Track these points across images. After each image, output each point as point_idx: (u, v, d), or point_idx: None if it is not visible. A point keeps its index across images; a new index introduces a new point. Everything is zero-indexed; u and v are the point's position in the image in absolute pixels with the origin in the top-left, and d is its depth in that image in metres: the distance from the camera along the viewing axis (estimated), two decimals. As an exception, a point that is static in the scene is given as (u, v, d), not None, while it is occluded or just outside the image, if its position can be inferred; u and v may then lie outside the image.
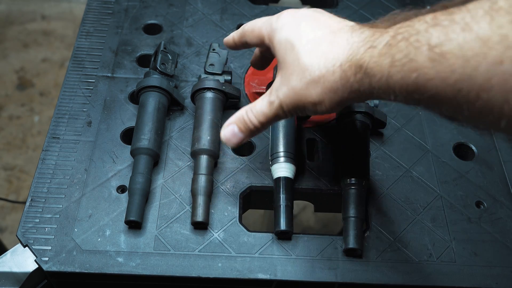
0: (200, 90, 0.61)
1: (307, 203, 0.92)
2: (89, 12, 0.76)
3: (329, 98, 0.43)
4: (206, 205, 0.54)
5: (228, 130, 0.49)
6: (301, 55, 0.44)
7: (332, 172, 0.60)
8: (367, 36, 0.40)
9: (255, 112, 0.48)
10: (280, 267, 0.52)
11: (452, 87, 0.33)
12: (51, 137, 0.61)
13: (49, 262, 0.51)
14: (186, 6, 0.78)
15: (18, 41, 1.94)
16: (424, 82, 0.35)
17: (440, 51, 0.33)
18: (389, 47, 0.37)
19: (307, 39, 0.44)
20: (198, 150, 0.57)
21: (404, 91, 0.36)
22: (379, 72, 0.37)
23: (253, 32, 0.52)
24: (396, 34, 0.37)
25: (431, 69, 0.34)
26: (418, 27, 0.35)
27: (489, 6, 0.31)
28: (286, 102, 0.46)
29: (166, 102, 0.62)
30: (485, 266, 0.53)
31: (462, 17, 0.33)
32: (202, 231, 0.54)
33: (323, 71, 0.42)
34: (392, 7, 0.81)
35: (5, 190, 1.56)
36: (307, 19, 0.47)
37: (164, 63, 0.63)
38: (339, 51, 0.41)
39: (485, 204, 0.58)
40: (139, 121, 0.59)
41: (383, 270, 0.53)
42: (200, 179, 0.55)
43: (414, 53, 0.35)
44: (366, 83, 0.39)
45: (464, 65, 0.32)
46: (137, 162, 0.56)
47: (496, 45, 0.30)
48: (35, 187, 0.56)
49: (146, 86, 0.61)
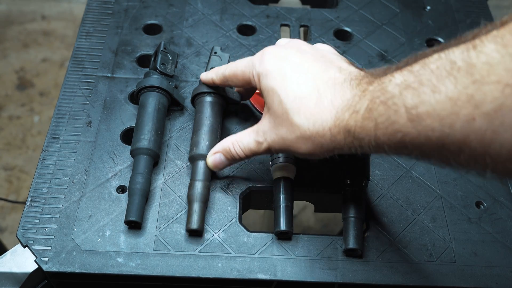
0: (200, 94, 0.61)
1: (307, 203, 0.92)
2: (89, 12, 0.76)
3: (319, 151, 0.45)
4: (202, 213, 0.54)
5: (215, 158, 0.55)
6: (290, 112, 0.46)
7: (332, 172, 0.60)
8: (349, 99, 0.42)
9: (242, 147, 0.52)
10: (280, 267, 0.52)
11: (436, 144, 0.35)
12: (51, 137, 0.61)
13: (49, 262, 0.51)
14: (186, 6, 0.78)
15: (18, 41, 1.94)
16: (410, 140, 0.37)
17: (416, 112, 0.35)
18: (370, 111, 0.39)
19: (294, 96, 0.46)
20: (196, 155, 0.57)
21: (393, 149, 0.39)
22: (366, 135, 0.40)
23: (237, 77, 0.54)
24: (373, 98, 0.39)
25: (413, 129, 0.36)
26: (392, 90, 0.37)
27: (450, 67, 0.33)
28: (274, 147, 0.49)
29: (166, 102, 0.62)
30: (485, 266, 0.53)
31: (428, 78, 0.35)
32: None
33: (313, 132, 0.44)
34: (392, 7, 0.81)
35: (5, 190, 1.56)
36: (292, 67, 0.48)
37: (164, 63, 0.63)
38: (326, 114, 0.43)
39: (485, 204, 0.58)
40: (139, 121, 0.59)
41: (383, 270, 0.53)
42: (197, 185, 0.54)
43: (394, 115, 0.37)
44: (357, 144, 0.42)
45: (441, 123, 0.34)
46: (137, 162, 0.56)
47: (465, 104, 0.32)
48: (35, 187, 0.56)
49: (146, 86, 0.61)
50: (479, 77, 0.31)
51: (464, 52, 0.33)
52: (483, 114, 0.31)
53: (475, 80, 0.32)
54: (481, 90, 0.31)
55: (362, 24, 0.78)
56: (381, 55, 0.74)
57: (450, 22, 0.79)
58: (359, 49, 0.74)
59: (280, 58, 0.49)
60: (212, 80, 0.58)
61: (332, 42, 0.75)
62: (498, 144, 0.31)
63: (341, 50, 0.74)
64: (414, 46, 0.75)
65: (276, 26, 0.76)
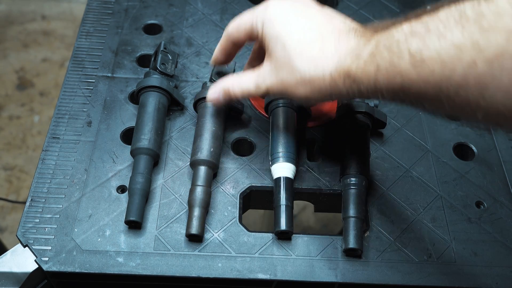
0: (204, 99, 0.61)
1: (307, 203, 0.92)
2: (89, 12, 0.76)
3: (317, 96, 0.46)
4: (202, 218, 0.54)
5: (213, 94, 0.56)
6: (292, 56, 0.47)
7: (332, 172, 0.60)
8: (353, 45, 0.43)
9: (241, 88, 0.53)
10: (280, 267, 0.52)
11: (433, 87, 0.37)
12: (51, 137, 0.61)
13: (49, 262, 0.51)
14: (186, 6, 0.78)
15: (18, 41, 1.95)
16: (408, 84, 0.38)
17: (420, 57, 0.37)
18: (373, 56, 0.41)
19: (297, 40, 0.47)
20: (198, 161, 0.56)
21: (391, 92, 0.40)
22: (366, 79, 0.41)
23: (239, 29, 0.53)
24: (378, 44, 0.41)
25: (414, 73, 0.38)
26: (398, 37, 0.39)
27: (459, 15, 0.35)
28: (273, 89, 0.50)
29: (166, 102, 0.62)
30: (485, 266, 0.53)
31: (436, 26, 0.37)
32: (202, 231, 0.54)
33: (313, 75, 0.45)
34: (392, 7, 0.81)
35: (5, 190, 1.56)
36: (296, 13, 0.49)
37: (164, 63, 0.63)
38: (328, 59, 0.44)
39: (485, 204, 0.58)
40: (139, 121, 0.59)
41: (383, 270, 0.53)
42: (198, 190, 0.54)
43: (398, 60, 0.39)
44: (355, 88, 0.43)
45: (442, 68, 0.36)
46: (137, 162, 0.56)
47: (469, 50, 0.34)
48: (35, 187, 0.56)
49: (146, 86, 0.61)
50: (487, 25, 0.33)
51: (475, 4, 0.34)
52: (485, 59, 0.33)
53: (482, 27, 0.33)
54: (486, 37, 0.33)
55: (362, 24, 0.78)
56: (381, 55, 0.73)
57: (450, 22, 0.79)
58: (359, 49, 0.74)
59: (285, 6, 0.50)
60: (218, 49, 0.57)
61: (332, 42, 0.75)
62: (494, 87, 0.33)
63: (341, 50, 0.74)
64: (414, 46, 0.75)
65: (276, 26, 0.76)
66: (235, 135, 0.63)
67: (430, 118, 0.66)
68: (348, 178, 0.56)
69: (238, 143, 0.63)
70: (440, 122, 0.66)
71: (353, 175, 0.56)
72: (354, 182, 0.55)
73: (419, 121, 0.66)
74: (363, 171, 0.56)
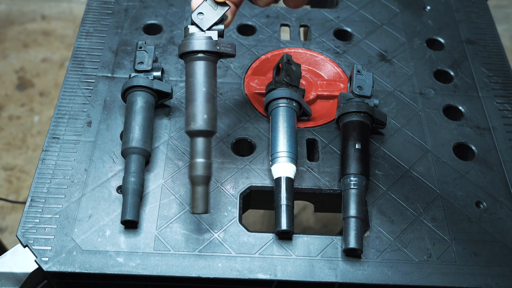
0: (193, 52, 0.53)
1: (307, 203, 0.92)
2: (89, 12, 0.76)
3: None
4: (206, 195, 0.51)
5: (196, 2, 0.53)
6: None
7: (332, 172, 0.60)
8: None
9: None
10: (280, 267, 0.52)
11: None
12: (51, 137, 0.61)
13: (49, 262, 0.51)
14: (186, 6, 0.78)
15: (18, 41, 1.94)
16: None
17: None
18: None
19: None
20: (194, 131, 0.51)
21: None
22: None
23: None
24: None
25: None
26: None
27: None
28: None
29: (150, 98, 0.61)
30: (485, 266, 0.53)
31: None
32: (202, 231, 0.54)
33: None
34: (392, 7, 0.81)
35: (5, 190, 1.56)
36: None
37: (142, 61, 0.63)
38: None
39: (485, 204, 0.58)
40: (125, 122, 0.59)
41: (383, 270, 0.53)
42: (199, 165, 0.51)
43: None
44: None
45: None
46: (128, 162, 0.57)
47: None
48: (35, 187, 0.56)
49: (126, 88, 0.61)
50: None
51: None
52: None
53: None
54: None
55: (362, 24, 0.78)
56: (381, 55, 0.74)
57: (450, 22, 0.79)
58: (359, 49, 0.74)
59: None
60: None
61: (332, 42, 0.75)
62: None
63: (341, 50, 0.74)
64: (414, 46, 0.75)
65: (276, 26, 0.76)
66: (235, 135, 0.63)
67: (430, 118, 0.66)
68: (348, 178, 0.56)
69: (238, 143, 0.63)
70: (440, 122, 0.66)
71: (353, 175, 0.56)
72: (354, 182, 0.55)
73: (419, 121, 0.66)
74: (363, 171, 0.56)
